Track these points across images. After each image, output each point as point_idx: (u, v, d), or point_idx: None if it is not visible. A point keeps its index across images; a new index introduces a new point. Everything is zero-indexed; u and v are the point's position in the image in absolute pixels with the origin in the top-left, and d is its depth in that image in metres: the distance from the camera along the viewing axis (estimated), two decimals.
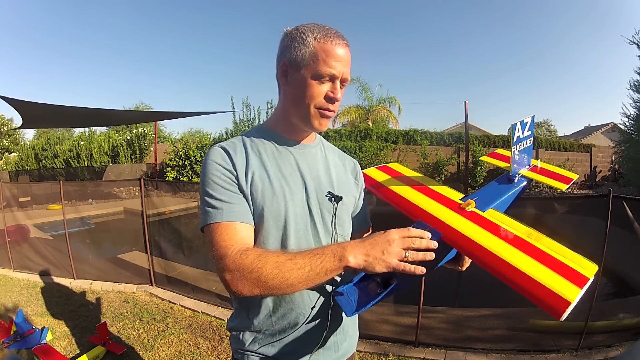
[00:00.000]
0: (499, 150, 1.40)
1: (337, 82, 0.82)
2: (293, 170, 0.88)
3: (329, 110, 0.84)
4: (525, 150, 1.12)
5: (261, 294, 0.73)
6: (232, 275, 0.72)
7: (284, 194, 0.83)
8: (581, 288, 0.69)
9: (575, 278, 0.71)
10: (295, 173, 0.87)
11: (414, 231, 0.75)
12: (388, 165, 1.24)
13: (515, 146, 1.04)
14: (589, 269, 0.74)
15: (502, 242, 0.80)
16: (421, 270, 0.71)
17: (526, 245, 0.79)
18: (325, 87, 0.82)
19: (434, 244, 0.75)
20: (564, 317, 0.67)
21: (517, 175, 1.10)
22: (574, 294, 0.68)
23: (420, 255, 0.72)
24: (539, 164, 1.20)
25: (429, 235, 0.76)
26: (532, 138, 1.12)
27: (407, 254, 0.72)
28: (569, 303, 0.67)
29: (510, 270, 0.74)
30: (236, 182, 0.82)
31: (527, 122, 1.06)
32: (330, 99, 0.83)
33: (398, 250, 0.72)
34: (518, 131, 1.03)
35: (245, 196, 0.82)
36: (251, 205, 0.82)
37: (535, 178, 1.15)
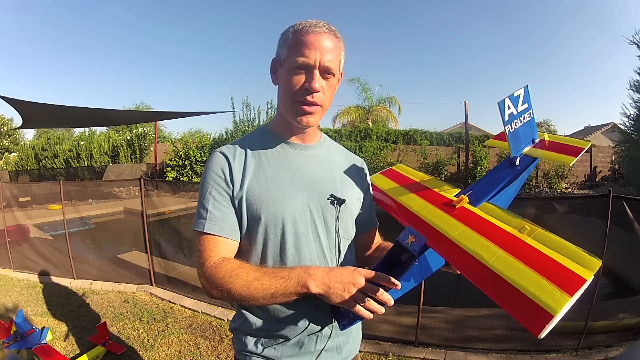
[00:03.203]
0: None
1: (315, 71, 0.78)
2: (294, 172, 0.86)
3: (306, 102, 0.80)
4: (526, 125, 0.97)
5: (233, 302, 0.80)
6: (207, 282, 0.78)
7: (282, 198, 0.82)
8: (572, 295, 0.57)
9: (567, 281, 0.59)
10: (295, 176, 0.86)
11: (381, 276, 0.74)
12: (393, 168, 1.16)
13: (508, 125, 0.90)
14: (588, 266, 0.62)
15: (484, 241, 0.72)
16: (368, 315, 0.73)
17: (512, 243, 0.70)
18: (302, 78, 0.79)
19: (391, 302, 0.74)
20: (543, 334, 0.56)
21: (518, 156, 0.97)
22: (559, 304, 0.56)
23: (377, 308, 0.73)
24: (546, 137, 1.04)
25: (399, 285, 0.74)
26: (531, 111, 0.97)
27: (366, 300, 0.72)
28: (550, 316, 0.56)
29: (489, 276, 0.66)
30: (230, 192, 0.83)
31: (519, 95, 0.92)
32: (306, 90, 0.79)
33: (359, 294, 0.72)
34: (509, 108, 0.89)
35: (240, 205, 0.82)
36: (246, 211, 0.82)
37: (539, 156, 0.99)
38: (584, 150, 0.98)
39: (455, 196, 0.91)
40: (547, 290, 0.59)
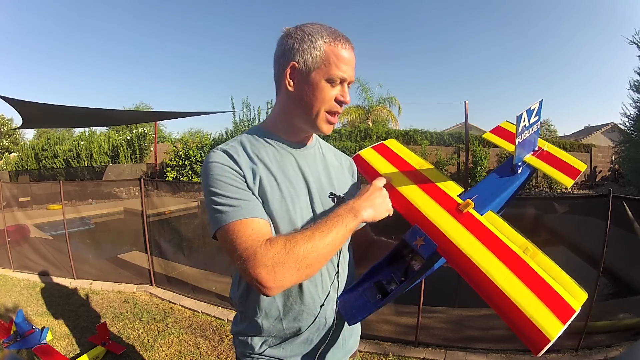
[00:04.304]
0: (505, 124, 1.20)
1: (347, 85, 0.84)
2: (296, 172, 0.87)
3: (338, 112, 0.85)
4: (532, 135, 1.01)
5: (299, 279, 0.71)
6: (267, 269, 0.68)
7: (291, 197, 0.82)
8: (564, 323, 0.65)
9: (561, 310, 0.67)
10: (298, 176, 0.87)
11: (383, 180, 0.87)
12: (385, 143, 1.14)
13: (519, 136, 0.93)
14: (578, 297, 0.69)
15: (494, 258, 0.76)
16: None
17: (518, 264, 0.74)
18: (336, 91, 0.82)
19: None
20: (541, 353, 0.65)
21: (520, 164, 1.00)
22: (555, 330, 0.64)
23: None
24: (545, 147, 1.07)
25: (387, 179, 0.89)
26: (539, 122, 1.02)
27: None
28: (548, 340, 0.64)
29: (497, 294, 0.71)
30: (245, 181, 0.79)
31: (534, 109, 0.95)
32: (340, 102, 0.83)
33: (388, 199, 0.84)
34: (524, 120, 0.92)
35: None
36: None
37: (540, 168, 1.03)
38: (580, 174, 1.03)
39: (459, 196, 0.90)
40: (547, 317, 0.66)
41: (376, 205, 0.81)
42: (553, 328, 0.64)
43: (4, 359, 2.28)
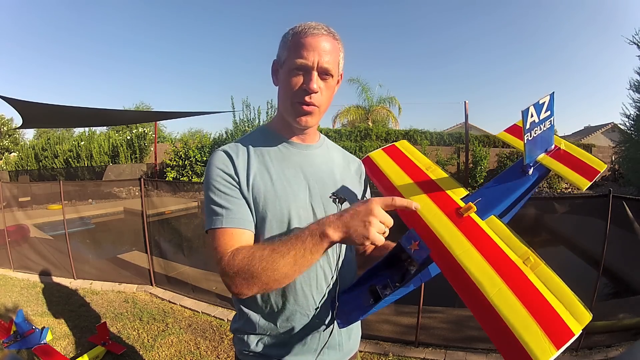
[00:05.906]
0: (521, 123, 1.06)
1: (313, 72, 0.79)
2: (296, 171, 0.87)
3: (305, 102, 0.81)
4: (545, 133, 0.91)
5: (261, 290, 0.73)
6: (229, 278, 0.74)
7: (287, 195, 0.83)
8: (558, 348, 0.57)
9: (557, 332, 0.59)
10: (298, 174, 0.87)
11: (399, 201, 0.70)
12: (396, 145, 1.10)
13: (528, 133, 0.85)
14: (580, 319, 0.62)
15: (488, 268, 0.69)
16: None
17: (515, 276, 0.67)
18: (301, 79, 0.80)
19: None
20: None
21: (532, 165, 0.91)
22: (546, 356, 0.56)
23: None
24: (563, 145, 0.96)
25: (417, 206, 0.72)
26: (552, 118, 0.90)
27: (387, 230, 0.68)
28: None
29: (485, 307, 0.65)
30: (237, 186, 0.82)
31: (543, 103, 0.86)
32: (304, 91, 0.80)
33: (379, 225, 0.67)
34: (532, 116, 0.84)
35: (247, 200, 0.81)
36: (253, 208, 0.82)
37: (553, 168, 0.93)
38: (600, 174, 0.91)
39: (462, 199, 0.86)
40: (538, 339, 0.59)
41: (351, 228, 0.67)
42: (544, 353, 0.57)
43: (4, 359, 2.28)
